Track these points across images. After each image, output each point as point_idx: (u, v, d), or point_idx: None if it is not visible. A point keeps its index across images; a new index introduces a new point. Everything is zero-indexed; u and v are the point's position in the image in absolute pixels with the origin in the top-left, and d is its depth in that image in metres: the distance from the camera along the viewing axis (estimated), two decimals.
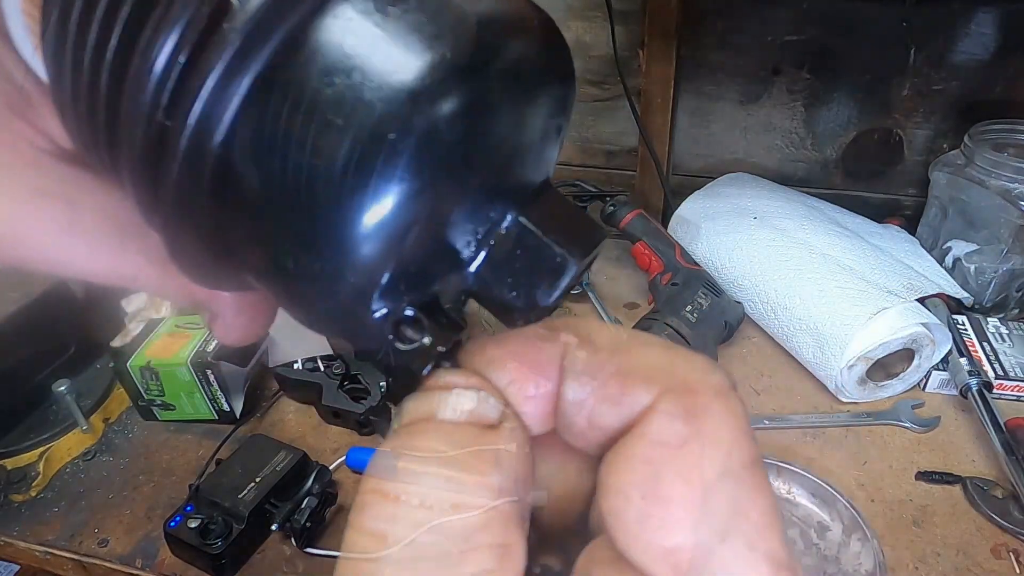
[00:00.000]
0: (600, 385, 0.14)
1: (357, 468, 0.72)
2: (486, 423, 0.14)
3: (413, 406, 0.15)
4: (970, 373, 0.74)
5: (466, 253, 0.17)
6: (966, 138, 0.87)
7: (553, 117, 0.17)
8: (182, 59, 0.14)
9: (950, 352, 0.77)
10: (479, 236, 0.17)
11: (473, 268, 0.17)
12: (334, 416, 0.78)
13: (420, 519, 0.13)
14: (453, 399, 0.15)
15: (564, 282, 0.17)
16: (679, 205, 1.00)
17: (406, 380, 0.17)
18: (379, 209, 0.14)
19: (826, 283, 0.80)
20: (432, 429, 0.14)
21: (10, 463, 0.74)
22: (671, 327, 0.75)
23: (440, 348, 0.17)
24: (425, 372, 0.17)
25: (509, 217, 0.17)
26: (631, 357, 0.14)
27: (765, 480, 0.13)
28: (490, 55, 0.15)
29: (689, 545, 0.12)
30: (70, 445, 0.77)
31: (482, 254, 0.17)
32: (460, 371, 0.16)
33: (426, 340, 0.17)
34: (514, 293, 0.17)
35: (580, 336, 0.15)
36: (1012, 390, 0.77)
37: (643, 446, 0.13)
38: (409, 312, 0.17)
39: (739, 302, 0.85)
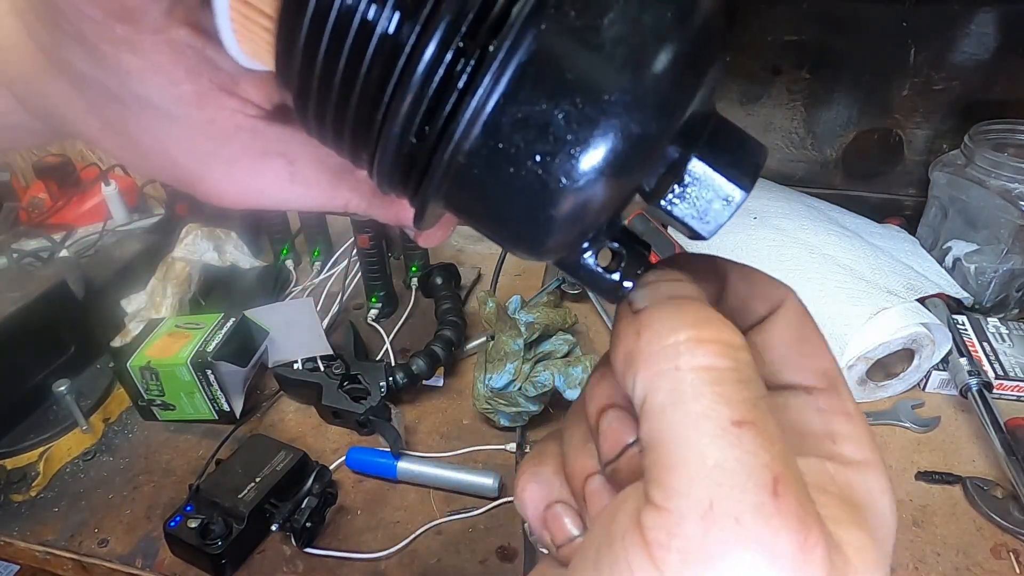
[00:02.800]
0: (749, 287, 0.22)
1: (357, 468, 0.72)
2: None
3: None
4: (970, 373, 0.74)
5: (649, 189, 0.20)
6: (966, 138, 0.87)
7: (723, 56, 0.19)
8: (436, 81, 0.16)
9: (950, 352, 0.77)
10: (661, 174, 0.19)
11: (659, 202, 0.20)
12: (334, 416, 0.78)
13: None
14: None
15: (734, 212, 0.20)
16: None
17: (612, 298, 0.21)
18: (603, 190, 0.17)
19: (826, 283, 0.80)
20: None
21: (10, 463, 0.74)
22: None
23: (638, 270, 0.21)
24: (628, 287, 0.21)
25: (690, 157, 0.19)
26: (760, 275, 0.22)
27: None
28: (705, 42, 0.17)
29: (830, 367, 0.20)
30: (70, 445, 0.77)
31: (668, 191, 0.20)
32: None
33: (626, 266, 0.21)
34: (692, 220, 0.20)
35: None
36: (1012, 390, 0.77)
37: (789, 317, 0.21)
38: (613, 245, 0.21)
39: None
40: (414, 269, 0.99)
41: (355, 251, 0.93)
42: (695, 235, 0.20)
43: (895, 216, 1.01)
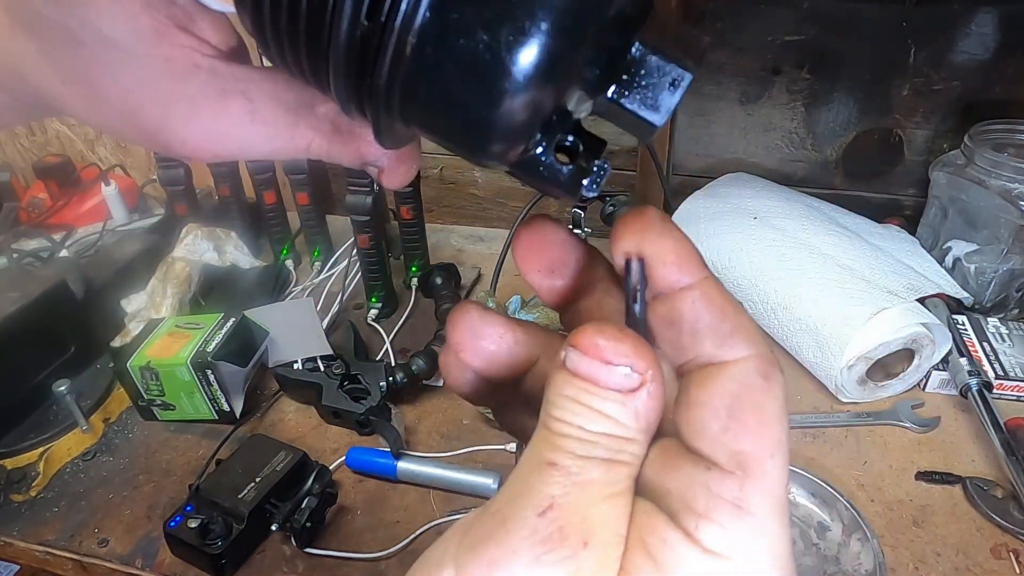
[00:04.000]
0: (717, 322, 0.19)
1: (357, 468, 0.72)
2: (628, 387, 0.18)
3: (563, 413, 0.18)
4: (970, 373, 0.74)
5: (596, 81, 0.20)
6: (966, 138, 0.87)
7: None
8: None
9: (950, 352, 0.77)
10: (605, 64, 0.20)
11: (606, 95, 0.20)
12: (334, 416, 0.78)
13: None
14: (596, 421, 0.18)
15: (682, 94, 0.20)
16: (679, 205, 1.00)
17: (572, 193, 0.21)
18: (551, 57, 0.17)
19: (826, 283, 0.80)
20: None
21: (10, 463, 0.74)
22: None
23: (595, 162, 0.21)
24: (587, 186, 0.21)
25: (632, 42, 0.20)
26: (744, 318, 0.19)
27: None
28: None
29: (751, 452, 0.18)
30: (70, 445, 0.77)
31: (613, 82, 0.20)
32: (613, 336, 0.18)
33: (582, 160, 0.21)
34: (640, 110, 0.20)
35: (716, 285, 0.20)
36: (1012, 390, 0.77)
37: (733, 382, 0.18)
38: (568, 140, 0.21)
39: (739, 302, 0.85)
40: (414, 269, 0.99)
41: (355, 251, 0.93)
42: (647, 126, 0.20)
43: (895, 216, 1.01)
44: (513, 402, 0.25)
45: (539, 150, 0.20)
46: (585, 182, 0.21)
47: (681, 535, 0.17)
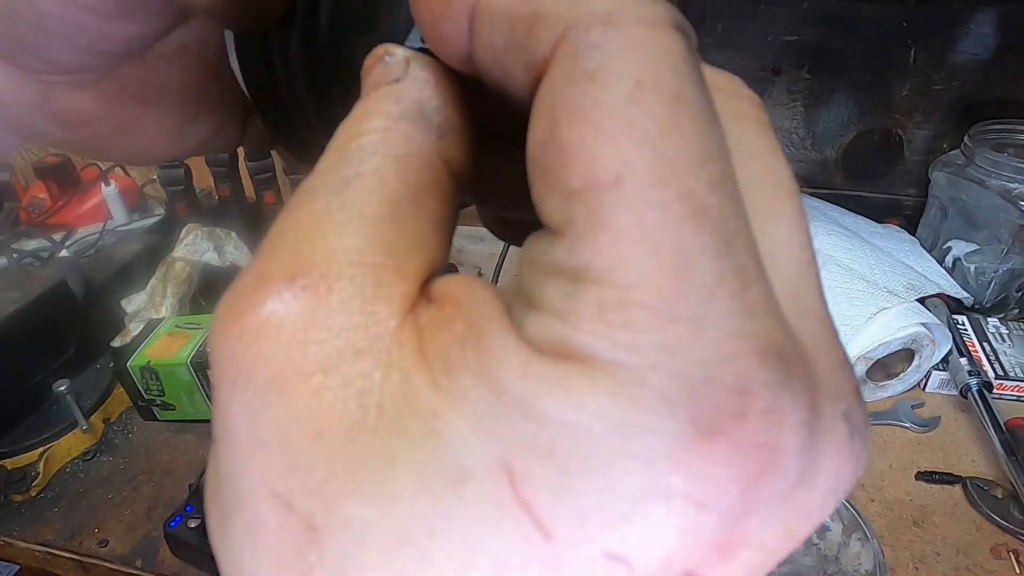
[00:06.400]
0: (509, 29, 0.11)
1: None
2: (390, 80, 0.14)
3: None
4: (970, 373, 0.74)
5: None
6: (966, 138, 0.87)
7: None
8: None
9: (950, 352, 0.77)
10: None
11: None
12: None
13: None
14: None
15: None
16: None
17: None
18: None
19: (826, 283, 0.79)
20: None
21: (10, 463, 0.74)
22: None
23: None
24: None
25: None
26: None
27: (697, 116, 0.10)
28: None
29: (582, 186, 0.10)
30: (70, 445, 0.77)
31: None
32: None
33: None
34: None
35: None
36: (1012, 390, 0.77)
37: (542, 99, 0.11)
38: None
39: None
40: None
41: None
42: None
43: (895, 216, 1.01)
44: None
45: None
46: None
47: (499, 323, 0.11)
